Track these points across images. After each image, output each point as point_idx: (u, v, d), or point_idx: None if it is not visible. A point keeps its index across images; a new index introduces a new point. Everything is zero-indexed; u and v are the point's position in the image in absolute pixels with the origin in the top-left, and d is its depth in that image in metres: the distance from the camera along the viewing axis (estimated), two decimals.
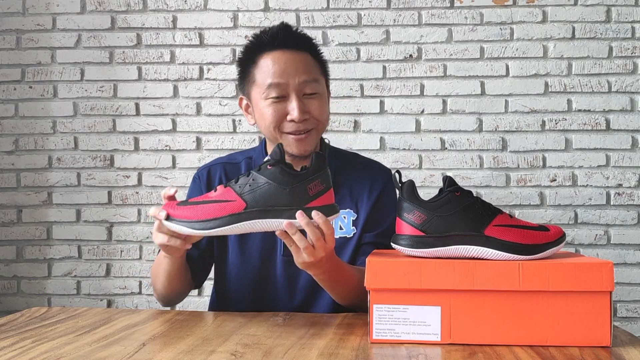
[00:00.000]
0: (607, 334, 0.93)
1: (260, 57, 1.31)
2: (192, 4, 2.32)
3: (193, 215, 1.01)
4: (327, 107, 1.36)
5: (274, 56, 1.30)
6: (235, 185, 1.01)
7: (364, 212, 1.36)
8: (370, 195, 1.37)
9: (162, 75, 2.32)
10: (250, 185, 1.00)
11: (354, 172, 1.40)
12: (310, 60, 1.33)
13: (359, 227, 1.35)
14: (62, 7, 2.33)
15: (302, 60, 1.31)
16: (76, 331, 1.04)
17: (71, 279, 2.34)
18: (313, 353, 0.90)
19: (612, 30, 2.22)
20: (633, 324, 2.22)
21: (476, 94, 2.25)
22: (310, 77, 1.30)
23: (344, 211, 1.35)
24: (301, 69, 1.30)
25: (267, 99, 1.29)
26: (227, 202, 1.00)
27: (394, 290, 0.96)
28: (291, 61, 1.30)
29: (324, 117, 1.33)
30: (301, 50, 1.32)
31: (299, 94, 1.29)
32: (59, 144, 2.34)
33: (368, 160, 1.47)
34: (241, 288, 1.37)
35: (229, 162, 1.43)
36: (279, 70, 1.28)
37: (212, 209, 1.00)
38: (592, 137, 2.23)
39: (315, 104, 1.31)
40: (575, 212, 2.24)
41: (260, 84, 1.30)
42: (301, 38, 1.35)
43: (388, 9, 2.27)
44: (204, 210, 1.00)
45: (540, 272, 0.94)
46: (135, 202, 2.33)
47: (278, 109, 1.29)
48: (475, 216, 0.99)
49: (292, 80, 1.28)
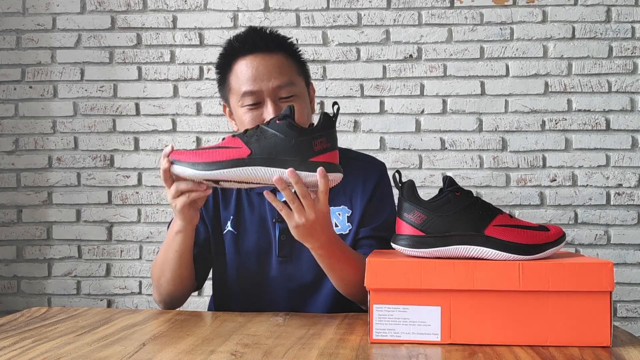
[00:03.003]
0: (607, 334, 0.93)
1: (234, 64, 1.30)
2: (192, 4, 2.32)
3: (197, 158, 1.02)
4: (306, 108, 1.33)
5: (247, 62, 1.28)
6: (244, 135, 1.03)
7: (358, 208, 1.34)
8: (364, 190, 1.35)
9: (162, 75, 2.32)
10: (257, 136, 1.01)
11: (348, 168, 1.36)
12: (284, 62, 1.30)
13: (354, 223, 1.34)
14: (62, 7, 2.34)
15: (275, 63, 1.28)
16: (76, 331, 1.04)
17: (71, 279, 2.34)
18: (313, 353, 0.90)
19: (612, 30, 2.23)
20: (633, 324, 2.22)
21: (476, 94, 2.26)
22: (284, 80, 1.28)
23: (339, 208, 1.34)
24: (275, 72, 1.27)
25: (243, 106, 1.28)
26: (232, 148, 1.01)
27: (394, 290, 0.96)
28: (263, 66, 1.27)
29: (303, 119, 1.28)
30: (274, 52, 1.29)
31: (274, 98, 1.27)
32: (59, 144, 2.34)
33: (361, 155, 1.45)
34: (238, 289, 1.36)
35: None
36: (251, 77, 1.26)
37: (217, 153, 1.01)
38: (592, 137, 2.23)
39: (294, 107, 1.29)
40: (575, 212, 2.24)
41: (235, 92, 1.29)
42: (273, 39, 1.32)
43: (388, 9, 2.27)
44: (209, 154, 1.02)
45: (540, 272, 0.94)
46: (135, 202, 2.33)
47: (255, 116, 1.27)
48: (475, 216, 0.99)
49: (266, 85, 1.26)
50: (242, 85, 1.27)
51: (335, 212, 1.33)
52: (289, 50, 1.33)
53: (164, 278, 1.28)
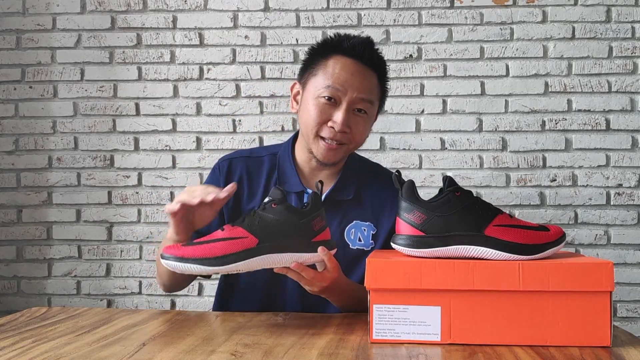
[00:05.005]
0: (607, 334, 0.93)
1: (332, 57, 1.31)
2: (192, 4, 2.32)
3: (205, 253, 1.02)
4: (368, 130, 1.37)
5: (345, 62, 1.30)
6: (243, 223, 1.04)
7: (384, 228, 1.36)
8: (392, 210, 1.36)
9: (162, 75, 2.32)
10: (259, 223, 1.04)
11: (376, 184, 1.41)
12: (375, 82, 1.34)
13: (378, 241, 1.36)
14: (62, 7, 2.34)
15: (368, 78, 1.32)
16: (76, 331, 1.04)
17: (71, 279, 2.34)
18: (313, 353, 0.90)
19: (612, 30, 2.23)
20: (633, 324, 2.22)
21: (476, 94, 2.25)
22: (367, 96, 1.31)
23: (365, 224, 1.36)
24: (364, 85, 1.30)
25: (320, 97, 1.29)
26: (239, 239, 1.03)
27: (394, 290, 0.96)
28: (357, 74, 1.30)
29: (361, 137, 1.34)
30: (371, 70, 1.33)
31: (350, 106, 1.30)
32: (59, 144, 2.34)
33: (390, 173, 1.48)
34: (252, 288, 1.36)
35: (251, 156, 1.42)
36: (342, 77, 1.29)
37: (226, 246, 1.02)
38: (592, 137, 2.23)
39: (360, 122, 1.32)
40: (575, 212, 2.24)
41: (320, 80, 1.30)
42: (377, 58, 1.35)
43: (388, 9, 2.27)
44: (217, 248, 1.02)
45: (540, 272, 0.94)
46: (135, 202, 2.33)
47: (325, 111, 1.29)
48: (475, 216, 0.99)
49: (351, 91, 1.29)
50: (331, 80, 1.29)
51: (360, 227, 1.36)
52: (381, 75, 1.36)
53: (165, 277, 1.33)
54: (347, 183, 1.38)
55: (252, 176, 1.39)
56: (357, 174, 1.41)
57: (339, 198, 1.36)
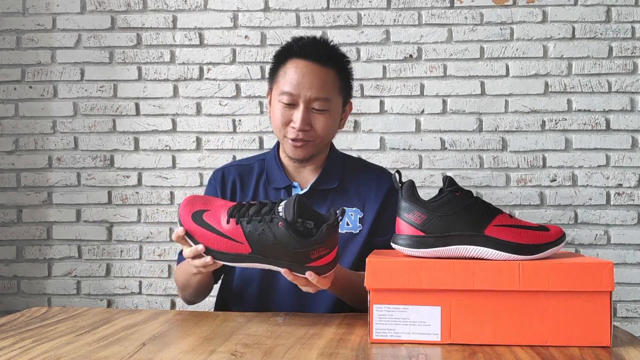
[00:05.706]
0: (607, 334, 0.93)
1: (289, 61, 1.38)
2: (192, 4, 2.32)
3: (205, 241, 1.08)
4: (333, 124, 1.41)
5: (298, 64, 1.36)
6: (247, 226, 1.05)
7: (370, 211, 1.43)
8: (376, 195, 1.44)
9: (162, 75, 2.32)
10: (259, 235, 1.04)
11: (361, 174, 1.48)
12: (330, 78, 1.38)
13: (365, 224, 1.41)
14: (62, 7, 2.33)
15: (321, 76, 1.36)
16: (76, 331, 1.04)
17: (71, 279, 2.34)
18: (313, 353, 0.90)
19: (612, 30, 2.22)
20: (633, 324, 2.22)
21: (476, 94, 2.25)
22: (322, 94, 1.35)
23: (352, 209, 1.42)
24: (316, 85, 1.35)
25: (280, 101, 1.37)
26: (236, 243, 1.06)
27: (394, 290, 0.96)
28: (310, 75, 1.35)
29: (325, 132, 1.39)
30: (326, 66, 1.37)
31: (307, 106, 1.36)
32: (59, 144, 2.34)
33: (373, 165, 1.57)
34: (246, 288, 1.40)
35: (241, 164, 1.52)
36: (295, 80, 1.35)
37: (223, 243, 1.06)
38: (592, 137, 2.23)
39: (321, 119, 1.37)
40: (575, 212, 2.24)
41: (279, 87, 1.38)
42: (329, 53, 1.39)
43: (388, 9, 2.27)
44: (215, 240, 1.07)
45: (540, 272, 0.94)
46: (135, 202, 2.33)
47: (286, 114, 1.37)
48: (475, 216, 0.99)
49: (304, 93, 1.35)
50: (285, 85, 1.36)
51: (348, 213, 1.42)
52: (340, 68, 1.41)
53: (187, 292, 1.40)
54: (331, 174, 1.45)
55: (243, 181, 1.47)
56: (341, 166, 1.48)
57: (323, 187, 1.43)
